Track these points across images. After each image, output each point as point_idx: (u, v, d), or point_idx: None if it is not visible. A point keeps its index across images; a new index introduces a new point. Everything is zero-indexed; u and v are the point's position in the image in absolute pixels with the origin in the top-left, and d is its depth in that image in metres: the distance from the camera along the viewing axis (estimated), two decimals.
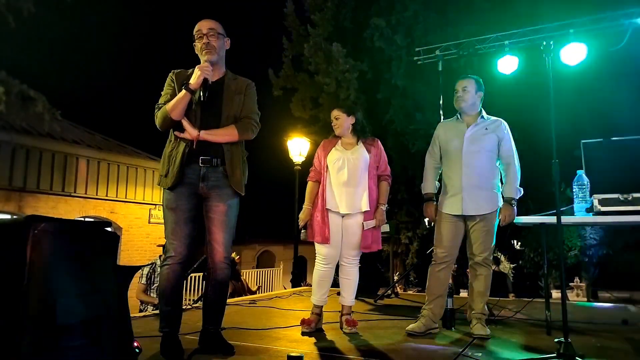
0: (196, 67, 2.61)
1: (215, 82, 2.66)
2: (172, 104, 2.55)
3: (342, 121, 3.41)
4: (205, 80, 2.56)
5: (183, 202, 2.57)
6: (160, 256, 5.50)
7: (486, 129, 3.29)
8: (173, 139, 2.63)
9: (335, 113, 3.45)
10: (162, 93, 2.69)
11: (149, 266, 5.41)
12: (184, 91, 2.54)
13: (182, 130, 2.58)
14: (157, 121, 2.61)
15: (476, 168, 3.23)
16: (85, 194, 11.56)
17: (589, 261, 12.69)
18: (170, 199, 2.58)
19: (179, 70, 2.73)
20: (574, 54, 4.83)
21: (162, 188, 2.64)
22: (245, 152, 2.78)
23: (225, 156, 2.63)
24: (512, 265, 12.86)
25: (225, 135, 2.62)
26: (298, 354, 2.05)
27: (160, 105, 2.62)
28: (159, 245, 6.14)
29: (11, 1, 7.84)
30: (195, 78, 2.55)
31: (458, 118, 3.42)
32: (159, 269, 5.31)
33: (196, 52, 2.71)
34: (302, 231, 3.37)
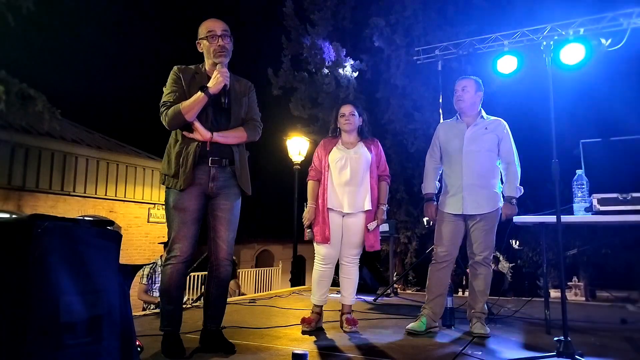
0: (215, 72, 2.58)
1: None
2: (189, 105, 2.51)
3: (356, 118, 3.41)
4: (224, 85, 2.57)
5: (192, 202, 2.56)
6: (161, 256, 5.50)
7: (486, 128, 3.31)
8: (181, 139, 2.59)
9: (351, 109, 3.41)
10: (167, 91, 2.62)
11: (150, 266, 5.40)
12: (202, 94, 2.51)
13: (191, 130, 2.57)
14: (167, 120, 2.54)
15: (476, 167, 3.24)
16: (85, 193, 11.55)
17: (587, 261, 12.72)
18: (179, 200, 2.56)
19: (183, 66, 2.69)
20: (573, 53, 4.84)
21: (166, 187, 2.61)
22: (247, 152, 2.80)
23: (234, 157, 2.65)
24: (510, 265, 12.88)
25: (235, 137, 2.65)
26: (303, 351, 2.06)
27: (168, 104, 2.56)
28: (160, 243, 6.11)
29: (11, 0, 7.83)
30: (215, 84, 2.54)
31: (458, 118, 3.44)
32: (159, 269, 5.32)
33: (201, 50, 2.69)
34: (308, 230, 3.35)
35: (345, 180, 3.29)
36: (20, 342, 1.53)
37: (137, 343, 2.29)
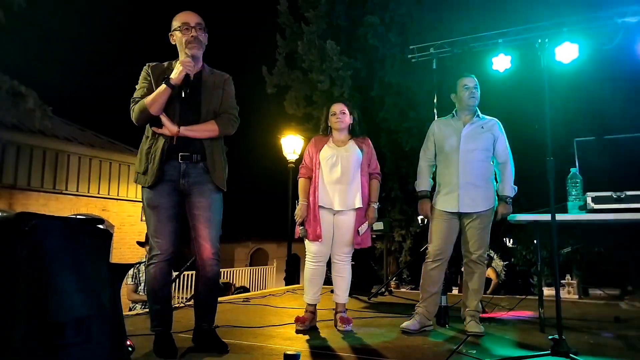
0: (178, 62, 2.55)
1: (193, 76, 2.59)
2: (151, 98, 2.48)
3: (347, 117, 3.39)
4: (187, 75, 2.51)
5: (164, 199, 2.53)
6: (146, 255, 5.46)
7: (482, 127, 3.30)
8: (150, 135, 2.57)
9: (342, 107, 3.40)
10: (137, 87, 2.62)
11: (134, 266, 5.36)
12: (164, 86, 2.47)
13: (160, 125, 2.52)
14: (134, 115, 2.54)
15: (473, 166, 3.24)
16: (77, 191, 11.48)
17: (580, 259, 12.76)
18: (150, 197, 2.53)
19: (154, 63, 2.66)
20: (567, 52, 4.85)
21: (142, 186, 2.58)
22: (225, 147, 2.74)
23: (206, 152, 2.58)
24: (503, 263, 12.88)
25: (205, 130, 2.58)
26: (295, 352, 2.03)
27: (136, 99, 2.55)
28: (138, 242, 6.04)
29: None
30: (177, 73, 2.49)
31: (454, 115, 3.43)
32: (142, 267, 5.28)
33: (173, 43, 2.65)
34: (300, 228, 3.33)
35: (336, 178, 3.28)
36: (8, 341, 1.50)
37: (128, 343, 2.26)
